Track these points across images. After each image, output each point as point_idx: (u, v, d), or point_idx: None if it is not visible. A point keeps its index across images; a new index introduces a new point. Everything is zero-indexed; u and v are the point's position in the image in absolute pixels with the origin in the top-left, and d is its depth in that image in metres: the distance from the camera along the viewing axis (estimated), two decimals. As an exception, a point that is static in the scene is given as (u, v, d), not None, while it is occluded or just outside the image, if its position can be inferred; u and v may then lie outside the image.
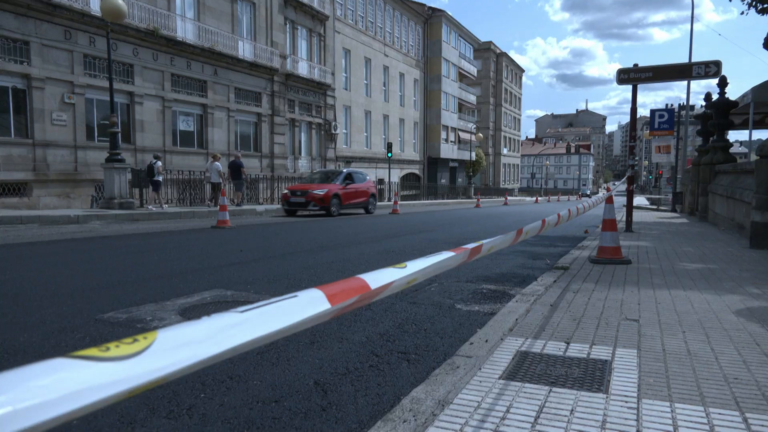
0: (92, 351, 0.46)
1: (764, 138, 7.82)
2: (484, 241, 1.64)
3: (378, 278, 0.97)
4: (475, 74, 53.94)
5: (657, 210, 20.65)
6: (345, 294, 0.83)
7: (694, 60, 16.20)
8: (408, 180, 39.70)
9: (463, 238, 9.34)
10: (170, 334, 0.53)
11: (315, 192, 15.91)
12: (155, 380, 0.47)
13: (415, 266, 1.13)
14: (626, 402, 2.02)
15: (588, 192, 74.45)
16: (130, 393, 0.45)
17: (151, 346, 0.50)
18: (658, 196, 34.27)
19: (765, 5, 12.25)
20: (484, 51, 59.77)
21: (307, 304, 0.74)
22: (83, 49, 16.50)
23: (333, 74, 29.29)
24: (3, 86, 14.79)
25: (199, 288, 4.51)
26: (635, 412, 1.93)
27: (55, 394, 0.40)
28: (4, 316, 3.54)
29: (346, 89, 31.75)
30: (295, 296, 0.74)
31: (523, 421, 1.85)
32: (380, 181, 33.59)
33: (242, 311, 0.63)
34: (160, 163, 15.37)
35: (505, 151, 66.09)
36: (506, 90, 65.55)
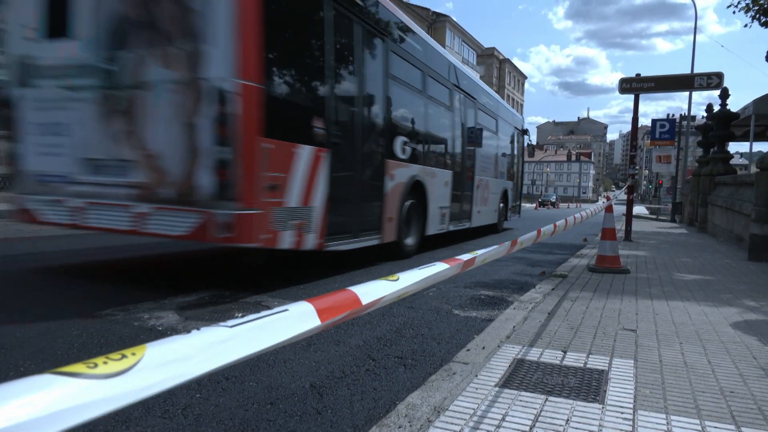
0: (79, 367, 0.45)
1: (765, 150, 7.79)
2: (478, 252, 1.63)
3: (369, 291, 0.96)
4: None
5: (656, 220, 20.66)
6: (335, 309, 0.83)
7: (696, 71, 16.23)
8: (408, 183, 39.60)
9: (461, 242, 9.33)
10: (159, 350, 0.52)
11: None
12: (143, 398, 0.46)
13: (407, 279, 1.11)
14: (622, 413, 2.01)
15: (553, 198, 62.07)
16: (118, 410, 0.44)
17: (139, 362, 0.49)
18: (657, 206, 34.22)
19: (768, 18, 12.27)
20: (488, 57, 59.90)
21: (298, 319, 0.74)
22: None
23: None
24: None
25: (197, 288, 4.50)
26: (631, 423, 1.92)
27: (39, 413, 0.39)
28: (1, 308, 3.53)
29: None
30: (286, 310, 0.74)
31: (518, 430, 1.85)
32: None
33: (232, 326, 0.63)
34: None
35: (505, 156, 66.04)
36: (508, 96, 65.64)
